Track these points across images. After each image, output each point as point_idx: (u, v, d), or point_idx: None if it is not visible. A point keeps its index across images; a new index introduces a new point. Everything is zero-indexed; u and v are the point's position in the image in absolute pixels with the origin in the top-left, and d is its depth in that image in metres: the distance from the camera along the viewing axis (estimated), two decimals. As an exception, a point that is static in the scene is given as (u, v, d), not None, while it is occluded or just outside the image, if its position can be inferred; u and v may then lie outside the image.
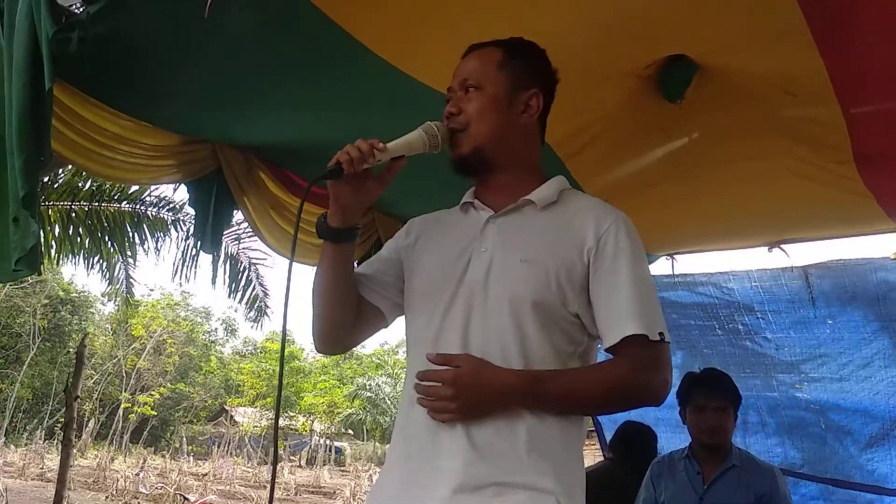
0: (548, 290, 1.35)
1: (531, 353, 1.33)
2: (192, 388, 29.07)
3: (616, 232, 1.40)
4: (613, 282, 1.36)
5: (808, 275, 3.52)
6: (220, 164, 2.56)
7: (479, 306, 1.36)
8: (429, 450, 1.32)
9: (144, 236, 6.98)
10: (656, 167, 2.95)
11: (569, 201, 1.48)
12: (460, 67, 1.50)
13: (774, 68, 2.29)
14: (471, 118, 1.44)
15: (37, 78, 1.71)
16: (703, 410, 2.73)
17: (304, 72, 2.18)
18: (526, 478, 1.28)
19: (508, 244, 1.40)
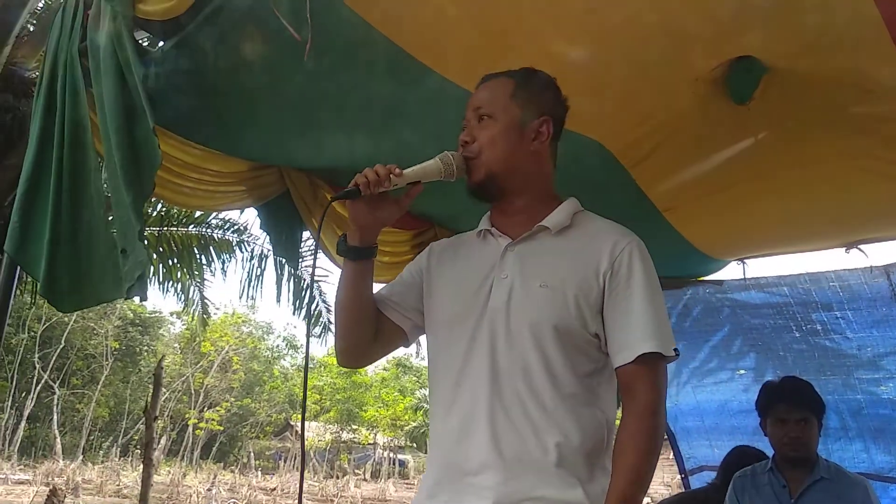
0: (567, 313, 1.41)
1: (555, 375, 1.40)
2: (257, 404, 29.64)
3: (630, 254, 1.46)
4: (628, 304, 1.42)
5: (889, 273, 3.37)
6: (287, 188, 2.61)
7: (502, 332, 1.42)
8: (460, 465, 1.39)
9: (211, 258, 7.18)
10: (723, 171, 2.87)
11: (583, 224, 1.54)
12: (474, 97, 1.57)
13: (850, 67, 2.21)
14: (483, 146, 1.50)
15: (129, 117, 1.80)
16: (785, 423, 2.63)
17: (368, 97, 2.21)
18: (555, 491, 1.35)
19: (527, 271, 1.45)
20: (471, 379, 1.42)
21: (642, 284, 1.43)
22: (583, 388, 1.41)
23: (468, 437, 1.39)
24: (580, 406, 1.40)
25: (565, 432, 1.37)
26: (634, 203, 3.08)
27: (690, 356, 4.27)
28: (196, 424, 26.13)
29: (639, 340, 1.39)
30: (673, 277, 4.11)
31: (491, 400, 1.39)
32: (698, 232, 3.40)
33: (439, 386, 1.49)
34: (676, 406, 4.42)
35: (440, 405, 1.47)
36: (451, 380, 1.44)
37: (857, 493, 2.51)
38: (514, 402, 1.38)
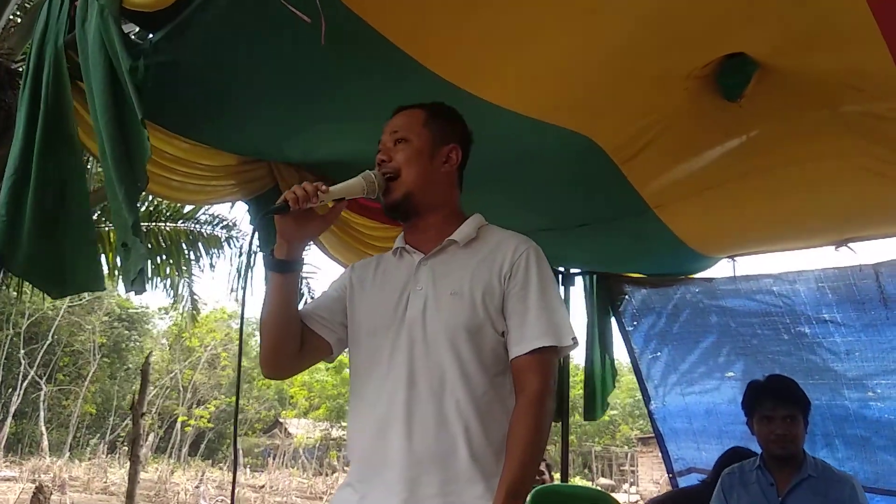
0: (476, 315, 1.54)
1: (468, 375, 1.52)
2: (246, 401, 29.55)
3: (527, 258, 1.59)
4: (525, 302, 1.56)
5: (878, 273, 3.38)
6: (277, 182, 2.59)
7: (420, 338, 1.54)
8: (377, 462, 1.51)
9: (199, 253, 7.15)
10: (715, 169, 2.88)
11: (487, 236, 1.67)
12: (389, 124, 1.69)
13: (840, 64, 2.22)
14: (401, 165, 1.62)
15: (119, 110, 1.78)
16: (772, 420, 2.63)
17: (357, 90, 2.19)
18: (464, 485, 1.47)
19: (438, 282, 1.59)
20: (390, 382, 1.53)
21: (537, 284, 1.57)
22: (492, 386, 1.54)
23: (385, 435, 1.51)
24: (490, 403, 1.52)
25: (476, 429, 1.49)
26: (626, 200, 3.09)
27: (679, 360, 4.27)
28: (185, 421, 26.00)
29: (533, 335, 1.53)
30: (663, 275, 4.13)
31: (408, 400, 1.50)
32: (689, 229, 3.41)
33: (361, 390, 1.60)
34: (665, 407, 4.43)
35: (361, 407, 1.59)
36: (372, 384, 1.56)
37: (845, 491, 2.52)
38: (428, 402, 1.50)
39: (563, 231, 3.44)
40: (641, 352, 4.41)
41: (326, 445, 27.66)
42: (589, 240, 3.64)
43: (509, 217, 3.39)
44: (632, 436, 27.05)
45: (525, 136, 2.53)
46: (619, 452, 28.24)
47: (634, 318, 4.34)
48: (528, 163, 2.77)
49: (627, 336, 4.39)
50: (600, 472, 28.25)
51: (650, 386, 4.43)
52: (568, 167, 2.85)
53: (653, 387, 4.42)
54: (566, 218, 3.37)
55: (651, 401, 4.44)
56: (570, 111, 2.49)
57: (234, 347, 28.30)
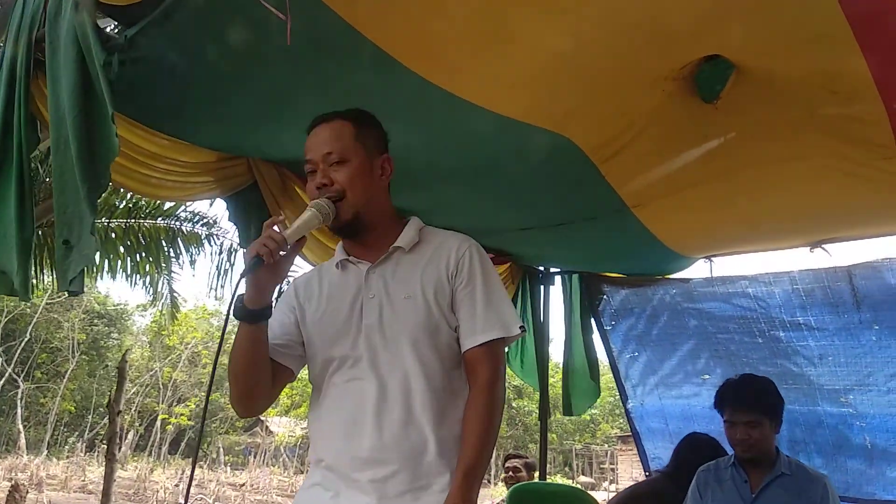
0: (431, 314, 1.61)
1: (429, 375, 1.59)
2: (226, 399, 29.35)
3: (471, 256, 1.67)
4: (472, 297, 1.63)
5: (852, 276, 3.43)
6: (255, 179, 2.58)
7: (380, 344, 1.60)
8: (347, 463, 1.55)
9: (179, 251, 7.10)
10: (693, 169, 2.90)
11: (429, 238, 1.72)
12: (316, 142, 1.68)
13: (815, 67, 2.24)
14: (345, 187, 1.62)
15: (90, 106, 1.76)
16: (734, 425, 2.67)
17: (337, 88, 2.18)
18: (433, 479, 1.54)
19: (391, 288, 1.64)
20: (355, 387, 1.58)
21: (482, 279, 1.65)
22: (450, 380, 1.62)
23: (355, 438, 1.55)
24: (449, 397, 1.60)
25: (440, 423, 1.57)
26: (604, 200, 3.11)
27: (656, 362, 4.29)
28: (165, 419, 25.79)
29: (483, 328, 1.61)
30: (642, 275, 4.16)
31: (377, 403, 1.55)
32: (667, 229, 3.43)
33: (323, 398, 1.64)
34: (642, 406, 4.46)
35: (324, 413, 1.63)
36: (334, 391, 1.62)
37: (817, 489, 2.55)
38: (396, 403, 1.55)
39: (541, 230, 3.45)
40: (619, 352, 4.44)
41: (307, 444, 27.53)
42: (567, 239, 3.66)
43: (488, 216, 3.43)
44: (612, 434, 27.20)
45: (503, 135, 2.54)
46: (600, 450, 28.38)
47: (613, 319, 4.37)
48: (506, 162, 2.78)
49: (606, 336, 4.41)
50: (581, 470, 28.38)
51: (628, 386, 4.46)
52: (546, 167, 2.86)
53: (630, 386, 4.45)
54: (545, 217, 3.38)
55: (628, 400, 4.48)
56: (549, 111, 2.50)
57: (215, 345, 28.15)
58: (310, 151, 1.68)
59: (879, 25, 1.98)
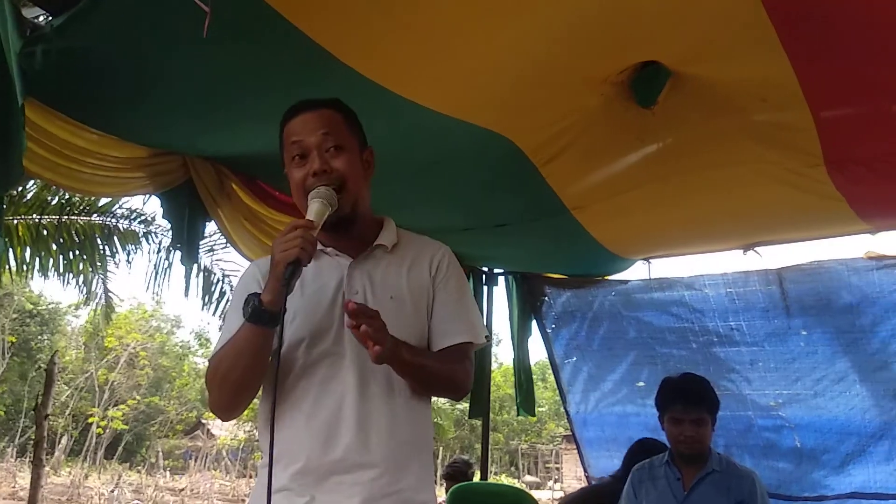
0: (416, 320, 1.59)
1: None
2: (166, 401, 28.63)
3: (448, 262, 1.67)
4: (446, 299, 1.63)
5: (782, 279, 3.54)
6: (190, 176, 2.52)
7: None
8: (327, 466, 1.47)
9: (115, 249, 6.87)
10: (631, 172, 2.96)
11: (406, 241, 1.69)
12: (308, 126, 1.56)
13: (746, 74, 2.31)
14: (346, 175, 1.54)
15: (2, 94, 1.67)
16: (681, 423, 2.73)
17: (273, 83, 2.14)
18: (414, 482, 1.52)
19: (375, 286, 1.57)
20: (335, 386, 1.50)
21: (456, 285, 1.67)
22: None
23: (334, 439, 1.48)
24: (426, 404, 1.60)
25: (419, 428, 1.56)
26: (545, 201, 3.14)
27: (594, 367, 4.33)
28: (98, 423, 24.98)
29: (456, 331, 1.61)
30: (582, 276, 4.22)
31: (358, 403, 1.49)
32: (606, 231, 3.49)
33: (295, 396, 1.52)
34: (581, 411, 4.49)
35: (296, 413, 1.51)
36: (314, 387, 1.51)
37: (745, 485, 2.64)
38: (381, 404, 1.50)
39: (483, 230, 3.47)
40: (562, 358, 4.48)
41: (251, 447, 27.09)
42: (509, 240, 3.69)
43: (430, 215, 3.42)
44: (558, 433, 27.56)
45: (445, 134, 2.54)
46: (545, 450, 28.71)
47: (554, 322, 4.41)
48: (448, 162, 2.78)
49: (548, 338, 4.45)
50: (526, 469, 28.67)
51: (570, 390, 4.51)
52: (488, 167, 2.88)
53: (572, 391, 4.50)
54: (486, 218, 3.40)
55: (569, 403, 4.52)
56: (489, 112, 2.51)
57: (154, 346, 27.45)
58: (298, 134, 1.56)
59: (804, 33, 2.05)
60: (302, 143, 1.55)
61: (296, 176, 1.55)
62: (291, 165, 1.57)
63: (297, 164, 1.55)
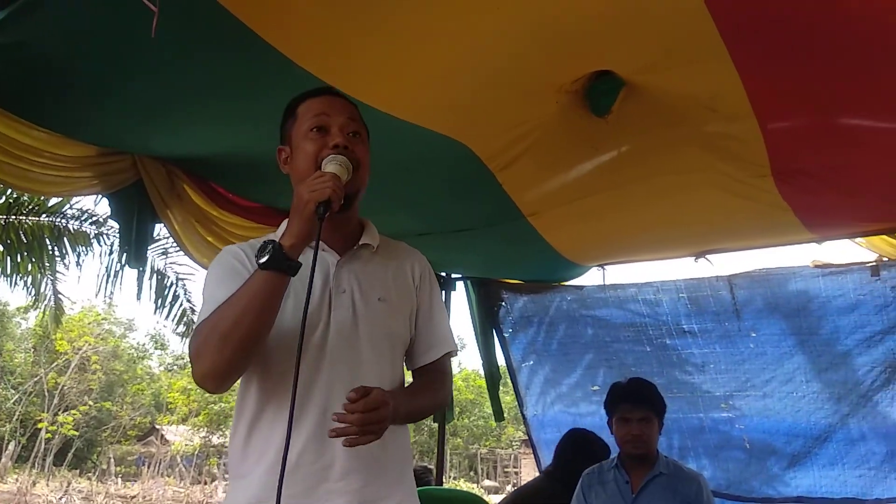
0: (403, 324, 1.59)
1: (395, 379, 1.56)
2: (118, 406, 27.97)
3: (429, 270, 1.70)
4: (431, 311, 1.65)
5: (732, 285, 3.62)
6: (140, 177, 2.47)
7: (354, 343, 1.50)
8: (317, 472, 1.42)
9: (65, 250, 6.69)
10: (586, 180, 2.99)
11: (388, 243, 1.68)
12: (335, 105, 1.57)
13: (696, 85, 2.35)
14: (361, 161, 1.52)
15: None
16: (628, 421, 2.79)
17: (228, 84, 2.12)
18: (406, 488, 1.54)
19: (364, 286, 1.55)
20: (324, 387, 1.44)
21: (438, 296, 1.69)
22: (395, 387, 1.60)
23: (322, 443, 1.41)
24: None
25: (405, 436, 1.57)
26: (501, 207, 3.16)
27: (551, 371, 4.38)
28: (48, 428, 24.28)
29: (440, 342, 1.64)
30: (537, 281, 4.25)
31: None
32: (561, 238, 3.52)
33: (279, 394, 1.44)
34: (538, 415, 4.52)
35: (279, 411, 1.43)
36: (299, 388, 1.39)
37: (692, 488, 2.69)
38: None
39: (440, 236, 3.47)
40: (519, 362, 4.50)
41: (206, 453, 26.64)
42: (467, 245, 3.70)
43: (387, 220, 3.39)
44: (517, 437, 27.67)
45: (402, 139, 2.53)
46: (504, 454, 28.79)
47: (511, 327, 4.44)
48: (405, 167, 2.78)
49: (505, 343, 4.47)
50: (485, 474, 28.70)
51: (528, 394, 4.54)
52: (445, 173, 2.88)
53: (529, 395, 4.53)
54: (443, 223, 3.41)
55: (525, 407, 4.55)
56: (446, 117, 2.52)
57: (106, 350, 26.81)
58: (323, 110, 1.54)
59: (752, 46, 2.09)
60: (327, 118, 1.53)
61: (308, 148, 1.51)
62: (305, 137, 1.53)
63: (313, 136, 1.52)
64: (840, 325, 3.40)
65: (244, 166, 2.52)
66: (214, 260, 1.60)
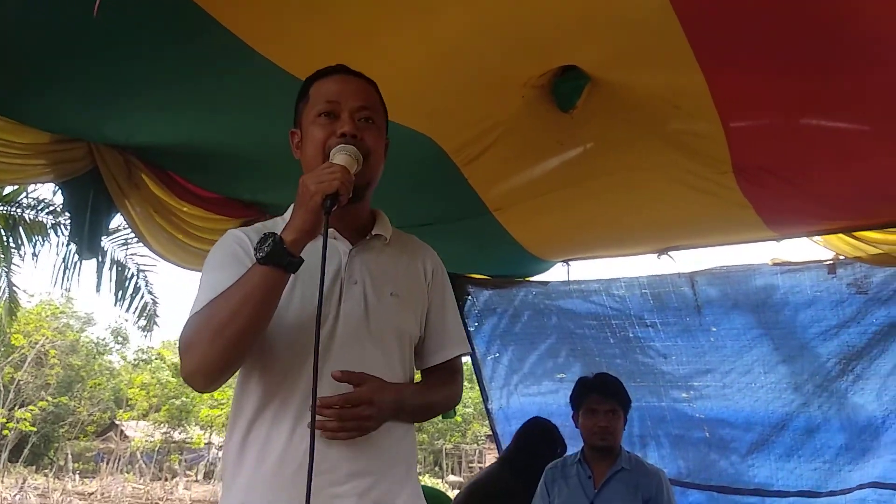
0: (414, 320, 1.53)
1: (405, 376, 1.50)
2: (77, 402, 27.42)
3: (442, 268, 1.65)
4: (443, 310, 1.59)
5: (694, 282, 3.66)
6: (96, 165, 2.40)
7: (365, 335, 1.43)
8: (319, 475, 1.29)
9: (21, 241, 6.50)
10: (552, 175, 3.00)
11: (400, 236, 1.63)
12: (345, 88, 1.49)
13: (660, 82, 2.37)
14: (371, 150, 1.44)
15: None
16: (595, 413, 2.82)
17: (186, 71, 2.07)
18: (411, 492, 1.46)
19: (376, 278, 1.48)
20: (329, 383, 1.33)
21: (450, 294, 1.63)
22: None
23: (331, 446, 1.33)
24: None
25: (411, 437, 1.50)
26: (466, 202, 3.15)
27: (517, 362, 4.40)
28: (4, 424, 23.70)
29: (453, 343, 1.58)
30: (503, 276, 4.25)
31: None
32: (526, 233, 3.52)
33: (282, 391, 1.38)
34: (503, 408, 4.54)
35: (281, 409, 1.37)
36: (300, 383, 1.36)
37: (652, 482, 2.73)
38: None
39: (407, 230, 3.41)
40: (483, 354, 4.51)
41: (167, 449, 26.28)
42: (433, 240, 3.64)
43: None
44: (482, 433, 27.80)
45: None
46: (470, 450, 28.91)
47: (477, 320, 4.44)
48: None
49: (470, 337, 4.47)
50: (450, 469, 28.79)
51: (491, 387, 4.54)
52: (411, 167, 2.84)
53: (494, 387, 4.54)
54: (409, 217, 3.37)
55: (490, 401, 4.56)
56: (412, 111, 2.49)
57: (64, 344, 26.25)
58: (335, 94, 1.46)
59: (716, 44, 2.11)
60: (337, 103, 1.45)
61: (316, 134, 1.44)
62: (314, 122, 1.46)
63: (321, 122, 1.45)
64: (797, 319, 3.48)
65: (203, 156, 2.47)
66: (217, 243, 1.52)
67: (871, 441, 3.39)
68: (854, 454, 3.43)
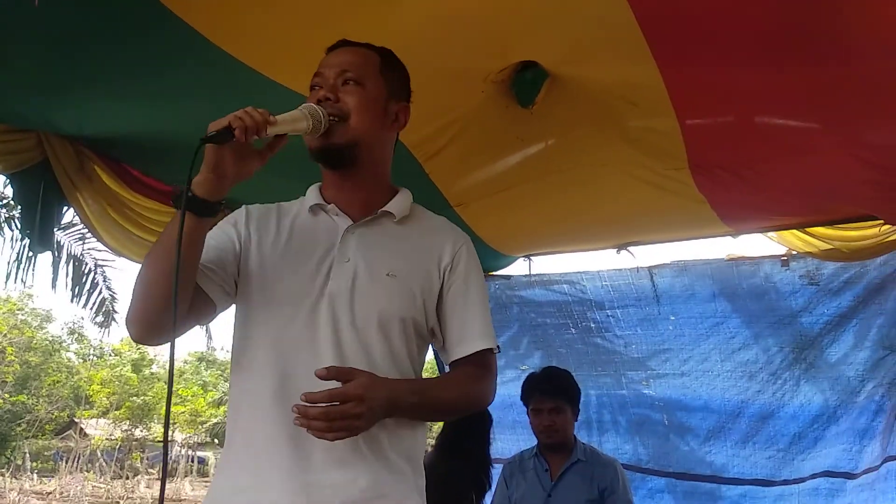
0: (413, 305, 1.41)
1: (398, 366, 1.39)
2: (34, 400, 26.82)
3: (467, 252, 1.51)
4: (466, 299, 1.46)
5: (652, 275, 3.73)
6: (46, 156, 2.34)
7: (346, 319, 1.35)
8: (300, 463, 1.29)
9: (-28, 235, 6.32)
10: (512, 171, 3.01)
11: (420, 217, 1.55)
12: (335, 58, 1.48)
13: (618, 79, 2.39)
14: (352, 110, 1.41)
15: None
16: (540, 412, 2.85)
17: (141, 62, 2.02)
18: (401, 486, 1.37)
19: (372, 257, 1.41)
20: (310, 368, 1.26)
21: (477, 283, 1.50)
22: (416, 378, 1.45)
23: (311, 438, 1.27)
24: None
25: (405, 426, 1.37)
26: (427, 197, 3.13)
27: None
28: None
29: (477, 336, 1.45)
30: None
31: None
32: (488, 228, 3.53)
33: (260, 371, 1.35)
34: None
35: (263, 394, 1.33)
36: (280, 367, 1.33)
37: (608, 472, 2.76)
38: None
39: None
40: (443, 348, 4.52)
41: (128, 447, 25.85)
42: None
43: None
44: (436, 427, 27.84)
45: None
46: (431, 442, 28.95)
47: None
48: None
49: (432, 332, 4.48)
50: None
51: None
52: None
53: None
54: (370, 212, 3.37)
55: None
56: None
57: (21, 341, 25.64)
58: (323, 66, 1.46)
59: (672, 41, 2.13)
60: (322, 73, 1.45)
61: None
62: (309, 98, 1.45)
63: (311, 94, 1.44)
64: (752, 308, 3.58)
65: (158, 147, 2.42)
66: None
67: (822, 430, 3.49)
68: (807, 443, 3.54)
